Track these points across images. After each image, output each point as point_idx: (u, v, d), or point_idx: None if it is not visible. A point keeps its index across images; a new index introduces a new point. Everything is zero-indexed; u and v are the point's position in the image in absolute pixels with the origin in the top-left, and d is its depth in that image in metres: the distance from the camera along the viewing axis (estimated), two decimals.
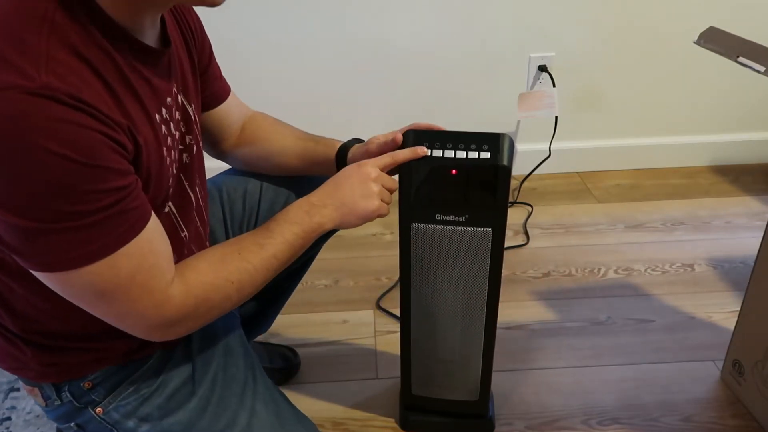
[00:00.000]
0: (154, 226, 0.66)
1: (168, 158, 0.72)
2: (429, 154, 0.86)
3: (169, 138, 0.72)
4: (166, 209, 0.75)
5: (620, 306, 1.44)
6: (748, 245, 1.62)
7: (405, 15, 1.73)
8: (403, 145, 0.88)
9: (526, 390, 1.23)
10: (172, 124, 0.74)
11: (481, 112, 1.87)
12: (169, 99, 0.73)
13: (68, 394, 0.77)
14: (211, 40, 0.92)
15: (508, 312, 1.41)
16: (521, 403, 1.20)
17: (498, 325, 1.02)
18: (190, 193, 0.81)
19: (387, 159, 0.86)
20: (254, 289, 0.77)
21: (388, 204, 0.86)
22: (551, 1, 1.73)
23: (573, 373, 1.27)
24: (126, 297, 0.64)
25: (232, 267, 0.74)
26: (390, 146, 0.89)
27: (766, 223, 1.09)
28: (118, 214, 0.60)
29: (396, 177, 0.88)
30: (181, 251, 0.80)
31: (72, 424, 0.81)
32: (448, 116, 1.85)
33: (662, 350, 1.31)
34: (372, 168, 0.84)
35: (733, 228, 1.71)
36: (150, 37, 0.69)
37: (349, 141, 0.97)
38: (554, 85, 1.82)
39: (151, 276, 0.65)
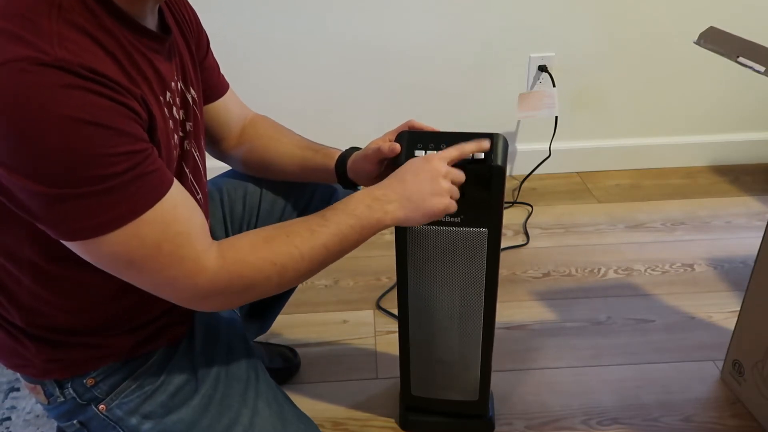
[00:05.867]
0: (178, 192, 0.66)
1: (172, 141, 0.73)
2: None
3: (171, 121, 0.73)
4: None
5: (620, 306, 1.44)
6: (748, 245, 1.62)
7: (405, 15, 1.73)
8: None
9: (526, 390, 1.23)
10: (174, 109, 0.75)
11: (481, 112, 1.88)
12: (172, 83, 0.74)
13: (71, 391, 0.77)
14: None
15: (508, 312, 1.41)
16: (521, 403, 1.20)
17: (498, 325, 1.02)
18: (192, 178, 0.81)
19: (454, 152, 0.82)
20: (298, 277, 0.74)
21: (456, 200, 0.82)
22: (551, 1, 1.74)
23: (573, 373, 1.26)
24: (155, 266, 0.64)
25: (276, 249, 0.72)
26: (386, 151, 0.88)
27: (766, 223, 1.09)
28: (136, 179, 0.60)
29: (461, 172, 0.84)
30: None
31: (74, 422, 0.81)
32: (448, 116, 1.85)
33: (662, 350, 1.31)
34: (441, 163, 0.80)
35: (733, 228, 1.71)
36: (150, 24, 0.70)
37: (347, 150, 0.96)
38: (554, 85, 1.82)
39: (179, 244, 0.65)
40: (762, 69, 0.92)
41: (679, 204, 1.82)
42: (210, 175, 1.03)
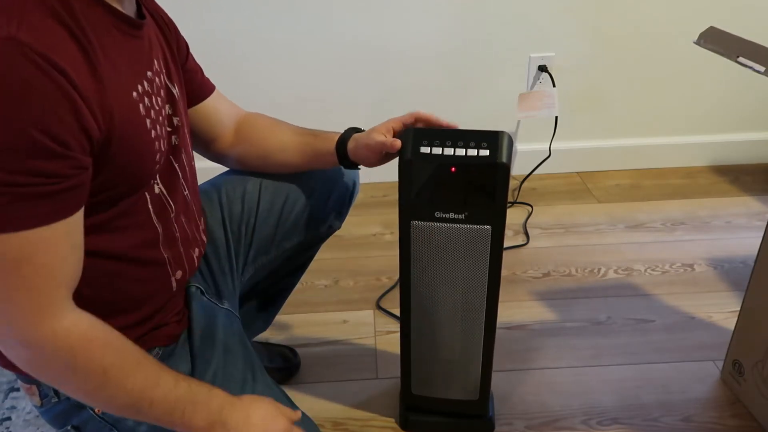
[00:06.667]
0: (68, 231, 0.62)
1: (153, 131, 0.71)
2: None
3: (152, 111, 0.71)
4: (156, 190, 0.75)
5: (620, 306, 1.44)
6: (748, 245, 1.62)
7: (405, 15, 1.73)
8: (401, 143, 0.88)
9: (526, 390, 1.23)
10: (158, 99, 0.73)
11: (481, 112, 1.87)
12: (149, 72, 0.72)
13: None
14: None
15: (508, 312, 1.41)
16: (521, 403, 1.20)
17: (498, 325, 1.02)
18: (180, 174, 0.81)
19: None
20: (108, 401, 0.69)
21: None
22: (551, 1, 1.73)
23: (573, 373, 1.26)
24: (3, 283, 0.60)
25: (121, 365, 0.67)
26: (389, 146, 0.89)
27: (766, 223, 1.09)
28: (41, 196, 0.58)
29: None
30: (173, 235, 0.80)
31: (69, 428, 0.80)
32: (448, 117, 1.83)
33: (662, 350, 1.31)
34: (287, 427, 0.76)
35: (733, 228, 1.71)
36: (128, 10, 0.70)
37: (346, 131, 0.97)
38: (554, 85, 1.82)
39: (39, 274, 0.61)
40: (762, 69, 0.92)
41: (679, 204, 1.82)
42: (205, 177, 1.03)
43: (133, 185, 0.71)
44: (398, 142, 0.87)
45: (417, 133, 0.89)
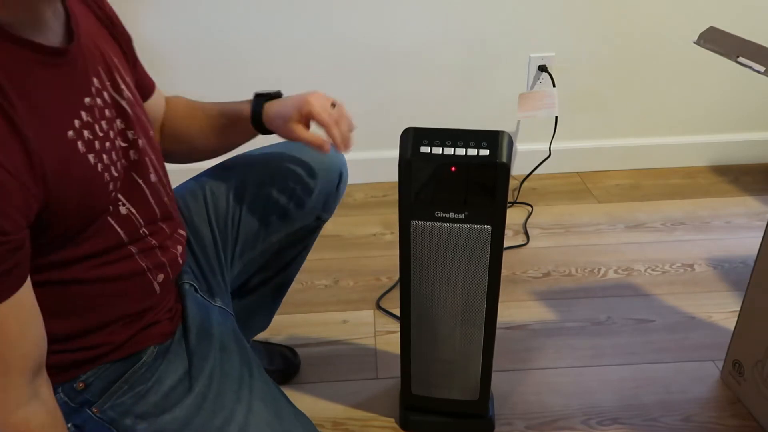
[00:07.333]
0: (13, 312, 0.59)
1: (100, 164, 0.68)
2: None
3: (97, 142, 0.68)
4: (124, 211, 0.74)
5: (620, 306, 1.44)
6: (748, 245, 1.62)
7: (405, 16, 1.74)
8: (401, 142, 0.89)
9: (526, 390, 1.23)
10: (103, 123, 0.70)
11: (481, 112, 1.88)
12: (87, 99, 0.68)
13: (62, 395, 0.77)
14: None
15: (508, 312, 1.41)
16: (521, 403, 1.20)
17: (498, 325, 1.02)
18: (146, 188, 0.79)
19: None
20: None
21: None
22: (551, 1, 1.74)
23: (573, 373, 1.26)
24: None
25: None
26: (316, 146, 0.89)
27: (766, 223, 1.09)
28: None
29: None
30: (149, 245, 0.79)
31: (69, 425, 0.80)
32: (447, 116, 1.85)
33: (662, 350, 1.31)
34: None
35: (733, 228, 1.71)
36: (54, 31, 0.65)
37: (256, 104, 0.95)
38: (554, 85, 1.82)
39: None
40: (762, 69, 0.92)
41: (679, 204, 1.82)
42: (192, 176, 1.03)
43: (86, 221, 0.69)
44: (327, 146, 0.88)
45: (417, 133, 0.89)
